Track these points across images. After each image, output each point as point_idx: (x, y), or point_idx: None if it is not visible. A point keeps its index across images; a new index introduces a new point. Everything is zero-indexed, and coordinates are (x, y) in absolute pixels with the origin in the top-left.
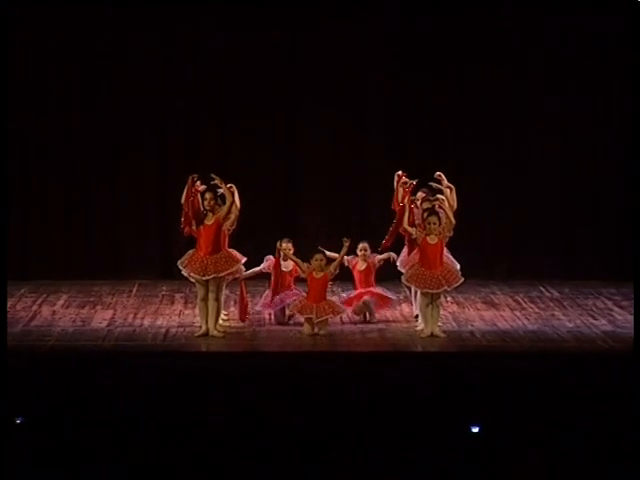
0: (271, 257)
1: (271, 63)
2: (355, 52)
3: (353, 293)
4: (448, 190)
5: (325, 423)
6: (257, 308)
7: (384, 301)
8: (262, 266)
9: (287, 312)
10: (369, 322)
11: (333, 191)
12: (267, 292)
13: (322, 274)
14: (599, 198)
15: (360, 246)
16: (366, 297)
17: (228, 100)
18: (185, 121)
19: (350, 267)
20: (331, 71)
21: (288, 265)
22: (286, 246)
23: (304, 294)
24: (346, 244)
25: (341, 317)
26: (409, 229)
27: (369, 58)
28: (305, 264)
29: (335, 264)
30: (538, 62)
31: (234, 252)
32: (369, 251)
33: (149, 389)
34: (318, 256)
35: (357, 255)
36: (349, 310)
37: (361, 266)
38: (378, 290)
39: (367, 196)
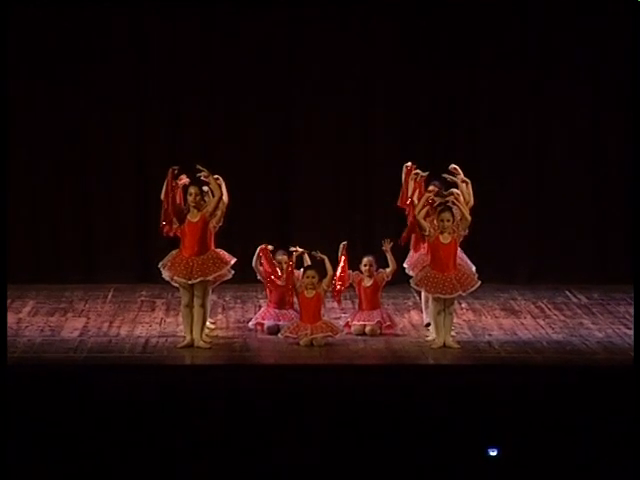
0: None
1: (269, 52)
2: (358, 43)
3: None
4: (464, 184)
5: (323, 442)
6: (250, 325)
7: (389, 325)
8: (260, 269)
9: (280, 334)
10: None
11: (334, 187)
12: (264, 308)
13: (314, 293)
14: (631, 193)
15: (364, 261)
16: (368, 328)
17: (213, 85)
18: (165, 108)
19: (354, 284)
20: (332, 63)
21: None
22: (281, 259)
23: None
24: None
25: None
26: (423, 223)
27: (373, 49)
28: (299, 281)
29: (326, 280)
30: (559, 55)
31: (222, 253)
32: (375, 266)
33: (126, 406)
34: (309, 272)
35: (361, 271)
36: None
37: (367, 283)
38: (383, 314)
39: (370, 194)
